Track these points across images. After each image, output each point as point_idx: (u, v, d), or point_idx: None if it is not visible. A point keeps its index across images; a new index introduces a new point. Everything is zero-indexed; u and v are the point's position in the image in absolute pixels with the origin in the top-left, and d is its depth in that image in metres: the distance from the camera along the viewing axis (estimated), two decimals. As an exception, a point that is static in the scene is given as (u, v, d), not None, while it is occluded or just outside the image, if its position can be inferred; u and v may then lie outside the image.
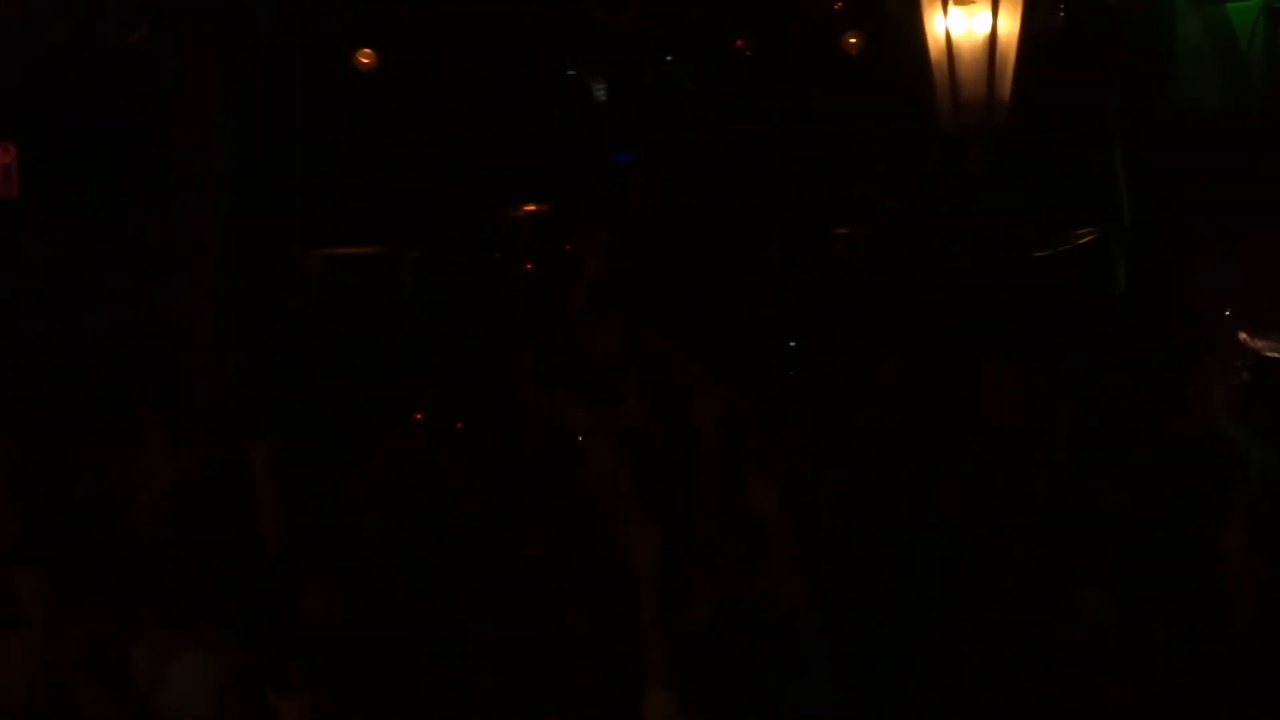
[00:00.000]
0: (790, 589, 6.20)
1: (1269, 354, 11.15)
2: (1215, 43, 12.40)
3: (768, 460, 7.53)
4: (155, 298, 11.36)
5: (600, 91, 13.91)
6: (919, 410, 10.02)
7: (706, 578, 6.39)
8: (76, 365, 11.59)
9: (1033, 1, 10.46)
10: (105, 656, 6.41)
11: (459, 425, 8.81)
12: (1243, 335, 11.33)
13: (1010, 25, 10.21)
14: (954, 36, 10.17)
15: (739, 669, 5.68)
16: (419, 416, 11.70)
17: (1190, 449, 8.12)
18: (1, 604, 6.85)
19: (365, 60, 12.99)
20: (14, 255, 12.42)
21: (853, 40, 12.54)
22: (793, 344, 11.83)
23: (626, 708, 5.73)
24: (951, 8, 10.13)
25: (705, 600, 6.12)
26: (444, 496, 8.08)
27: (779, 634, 5.99)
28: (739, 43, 13.28)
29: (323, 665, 6.02)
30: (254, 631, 6.55)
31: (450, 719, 5.77)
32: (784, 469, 7.33)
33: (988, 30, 10.20)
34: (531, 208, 12.67)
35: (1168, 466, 7.88)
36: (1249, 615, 6.04)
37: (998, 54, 10.08)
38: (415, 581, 6.84)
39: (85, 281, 12.42)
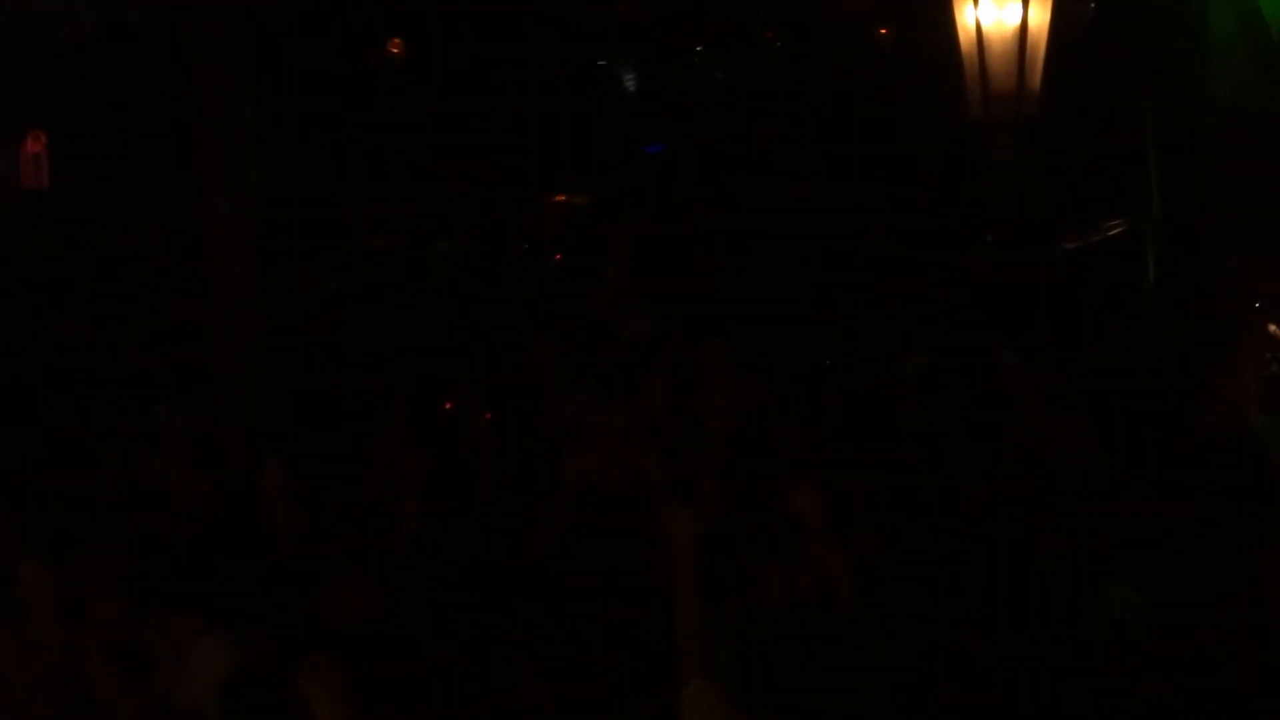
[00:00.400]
0: (825, 585, 6.20)
1: (1299, 346, 11.14)
2: (1246, 35, 12.36)
3: (802, 456, 7.53)
4: (182, 294, 11.38)
5: (630, 83, 13.91)
6: (944, 405, 10.04)
7: (742, 570, 6.38)
8: (103, 361, 11.62)
9: (1063, -7, 10.48)
10: (123, 647, 6.41)
11: (486, 415, 8.79)
12: (1272, 327, 11.30)
13: (1041, 17, 10.20)
14: (984, 28, 10.16)
15: (778, 661, 5.67)
16: (447, 406, 11.73)
17: (1219, 442, 8.10)
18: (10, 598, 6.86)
19: (394, 50, 13.02)
20: (44, 252, 12.47)
21: (883, 32, 12.53)
22: (831, 333, 11.80)
23: (665, 698, 5.73)
24: (982, -1, 10.13)
25: (742, 592, 6.10)
26: (463, 483, 8.11)
27: (818, 627, 5.99)
28: (768, 34, 13.27)
29: (348, 653, 6.03)
30: (274, 621, 6.56)
31: (481, 707, 5.77)
32: (818, 465, 7.33)
33: (1018, 22, 10.19)
34: (560, 199, 12.68)
35: (1196, 459, 7.86)
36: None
37: (1028, 45, 10.07)
38: (440, 568, 6.83)
39: (112, 282, 12.44)
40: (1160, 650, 5.97)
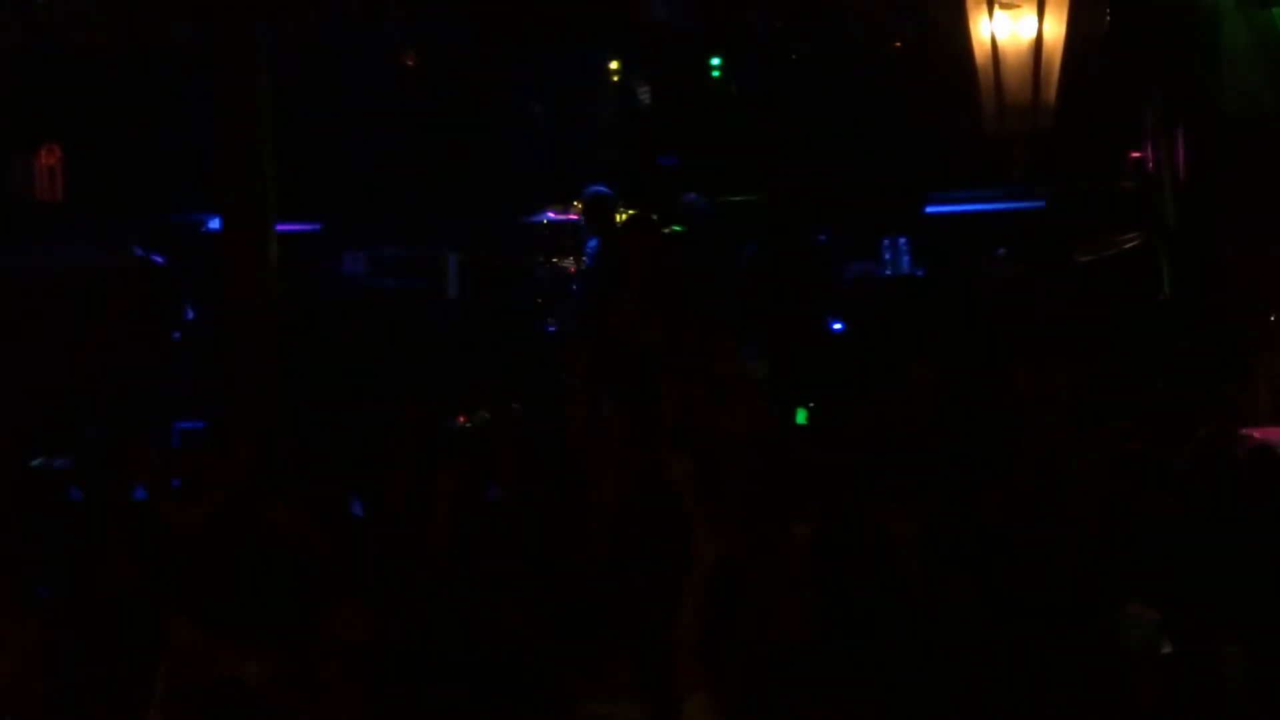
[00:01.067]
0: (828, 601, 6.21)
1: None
2: (1260, 46, 12.36)
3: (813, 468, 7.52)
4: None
5: (645, 94, 13.92)
6: (953, 416, 10.01)
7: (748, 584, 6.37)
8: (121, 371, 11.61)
9: (1078, 5, 10.45)
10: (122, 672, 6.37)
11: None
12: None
13: (1056, 29, 10.21)
14: (999, 40, 10.17)
15: (781, 677, 5.65)
16: (461, 419, 11.74)
17: (1235, 454, 8.08)
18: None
19: (409, 63, 13.03)
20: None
21: (898, 44, 12.53)
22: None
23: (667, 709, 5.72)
24: (997, 11, 10.13)
25: (749, 606, 6.09)
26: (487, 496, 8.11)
27: (819, 643, 5.99)
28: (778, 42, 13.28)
29: (352, 674, 6.01)
30: (279, 641, 6.53)
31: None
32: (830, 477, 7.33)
33: (1033, 34, 10.19)
34: (576, 210, 12.65)
35: (1210, 470, 7.85)
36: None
37: (1043, 58, 10.08)
38: (467, 582, 6.80)
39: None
40: (1177, 665, 5.96)
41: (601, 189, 12.16)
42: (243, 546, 7.34)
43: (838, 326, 11.94)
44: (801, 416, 8.58)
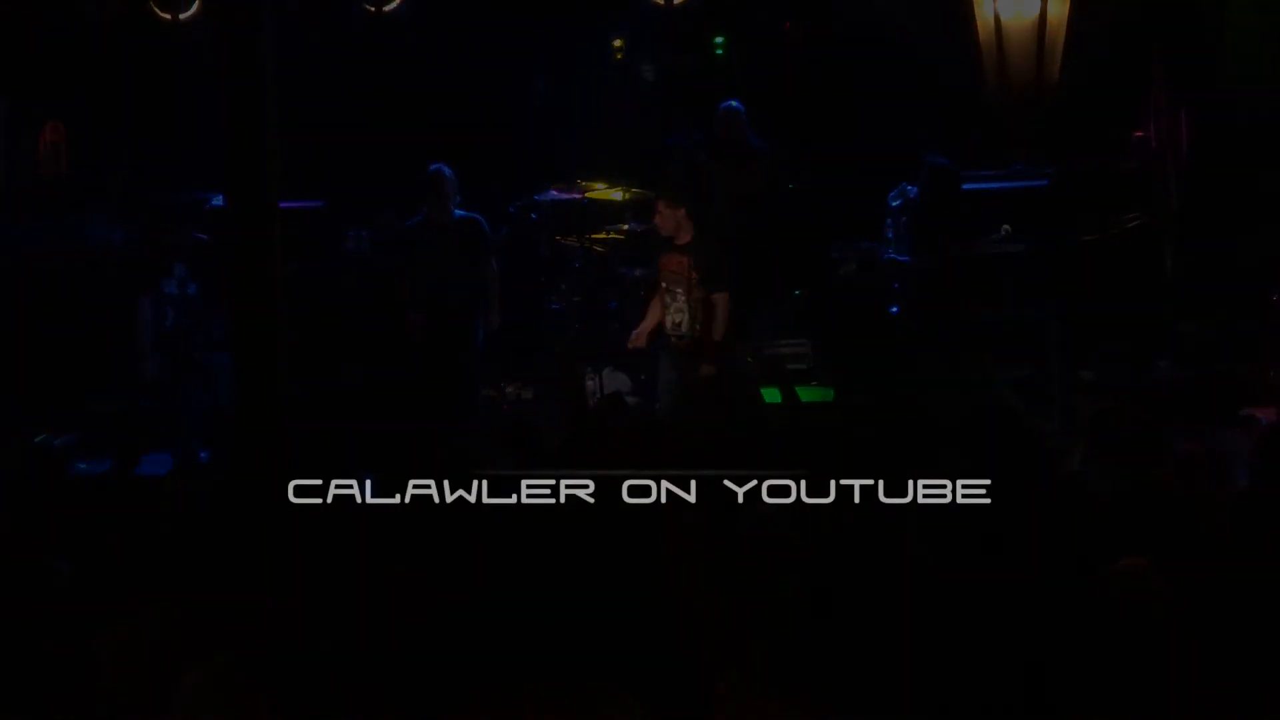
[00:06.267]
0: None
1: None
2: (1264, 25, 12.37)
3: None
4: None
5: (649, 72, 13.93)
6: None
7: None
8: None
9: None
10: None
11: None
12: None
13: (1059, 6, 10.22)
14: (1003, 18, 10.18)
15: (812, 650, 5.65)
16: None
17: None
18: None
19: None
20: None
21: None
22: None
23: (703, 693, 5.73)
24: (1001, -11, 10.14)
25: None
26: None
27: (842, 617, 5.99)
28: (786, 25, 13.28)
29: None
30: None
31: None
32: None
33: (1036, 12, 10.20)
34: (581, 188, 12.67)
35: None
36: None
37: (1047, 35, 10.09)
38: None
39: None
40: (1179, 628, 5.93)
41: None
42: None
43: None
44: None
